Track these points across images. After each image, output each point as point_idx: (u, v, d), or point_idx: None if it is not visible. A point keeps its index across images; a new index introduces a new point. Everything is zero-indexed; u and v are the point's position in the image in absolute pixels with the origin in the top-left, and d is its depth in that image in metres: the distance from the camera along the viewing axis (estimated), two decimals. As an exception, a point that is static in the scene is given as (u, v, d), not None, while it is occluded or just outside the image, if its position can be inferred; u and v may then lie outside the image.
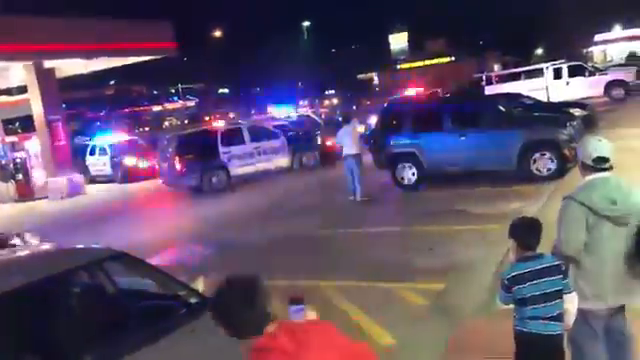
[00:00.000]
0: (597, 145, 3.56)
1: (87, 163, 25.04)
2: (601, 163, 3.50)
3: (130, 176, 22.74)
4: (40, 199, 20.56)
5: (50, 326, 3.90)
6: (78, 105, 59.89)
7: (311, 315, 2.56)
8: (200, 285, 4.38)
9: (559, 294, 3.31)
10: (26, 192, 21.29)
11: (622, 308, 3.61)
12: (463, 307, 5.98)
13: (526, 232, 3.40)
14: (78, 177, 21.36)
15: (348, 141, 12.75)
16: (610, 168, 3.53)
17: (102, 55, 21.09)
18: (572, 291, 3.36)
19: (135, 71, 50.69)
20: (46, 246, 5.40)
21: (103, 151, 24.72)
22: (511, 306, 3.41)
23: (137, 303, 4.34)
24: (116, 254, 4.50)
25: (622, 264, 3.46)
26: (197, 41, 61.85)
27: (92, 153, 25.21)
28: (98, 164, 24.79)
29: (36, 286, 3.87)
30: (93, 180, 24.30)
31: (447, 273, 7.04)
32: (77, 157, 24.01)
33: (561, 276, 3.32)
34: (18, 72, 21.14)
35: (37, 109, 20.63)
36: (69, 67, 22.03)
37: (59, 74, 21.60)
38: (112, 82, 73.92)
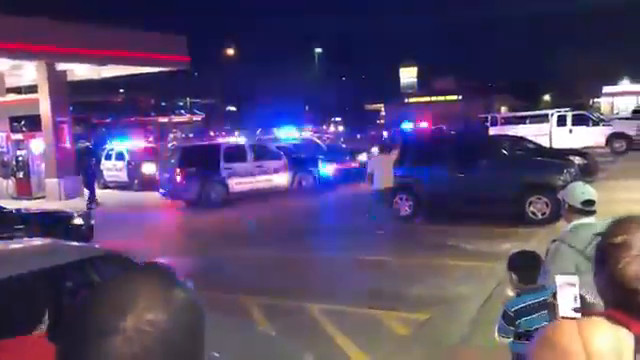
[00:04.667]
0: (585, 189, 3.67)
1: (102, 168, 24.07)
2: (589, 206, 3.58)
3: (146, 184, 21.35)
4: (38, 198, 20.62)
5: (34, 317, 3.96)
6: (84, 110, 60.24)
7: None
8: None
9: None
10: (25, 190, 21.35)
11: None
12: (445, 338, 6.06)
13: (527, 264, 3.51)
14: (77, 180, 21.42)
15: (381, 173, 11.99)
16: (595, 212, 3.63)
17: (115, 62, 21.39)
18: None
19: (145, 81, 51.22)
20: (40, 240, 5.48)
21: (120, 156, 23.81)
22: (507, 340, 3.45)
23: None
24: (110, 254, 4.58)
25: None
26: (209, 57, 62.61)
27: (108, 158, 24.34)
28: (113, 169, 23.86)
29: (21, 279, 3.93)
30: (106, 186, 23.60)
31: (433, 305, 7.11)
32: (78, 160, 23.85)
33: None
34: (30, 71, 21.40)
35: (45, 109, 20.83)
36: (81, 71, 22.30)
37: (70, 77, 21.87)
38: (121, 90, 74.47)
